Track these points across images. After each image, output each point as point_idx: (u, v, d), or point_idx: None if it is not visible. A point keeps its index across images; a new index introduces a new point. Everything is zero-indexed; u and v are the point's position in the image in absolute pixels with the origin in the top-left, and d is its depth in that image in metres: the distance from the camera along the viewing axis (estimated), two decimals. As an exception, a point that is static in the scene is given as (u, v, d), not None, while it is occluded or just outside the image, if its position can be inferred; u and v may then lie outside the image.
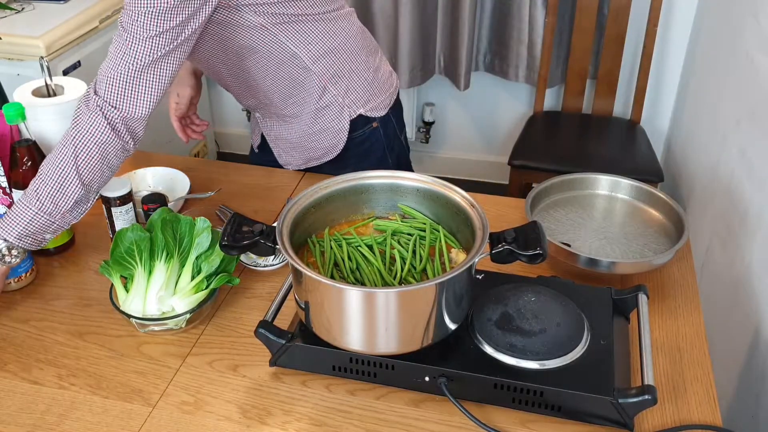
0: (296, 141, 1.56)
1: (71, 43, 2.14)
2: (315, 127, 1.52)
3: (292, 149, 1.59)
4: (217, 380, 1.11)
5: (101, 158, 1.20)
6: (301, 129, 1.53)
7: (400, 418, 1.04)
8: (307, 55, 1.40)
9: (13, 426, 1.04)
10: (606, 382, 1.01)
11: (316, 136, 1.53)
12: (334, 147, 1.54)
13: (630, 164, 2.35)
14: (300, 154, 1.59)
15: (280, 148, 1.62)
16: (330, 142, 1.54)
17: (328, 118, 1.51)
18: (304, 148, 1.57)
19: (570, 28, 2.56)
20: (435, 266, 1.09)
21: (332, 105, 1.49)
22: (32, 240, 1.19)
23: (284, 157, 1.63)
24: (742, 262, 1.68)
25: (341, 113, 1.50)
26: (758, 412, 1.49)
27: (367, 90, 1.52)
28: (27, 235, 1.18)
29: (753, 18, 1.84)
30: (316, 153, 1.57)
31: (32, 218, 1.17)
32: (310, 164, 1.60)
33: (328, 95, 1.47)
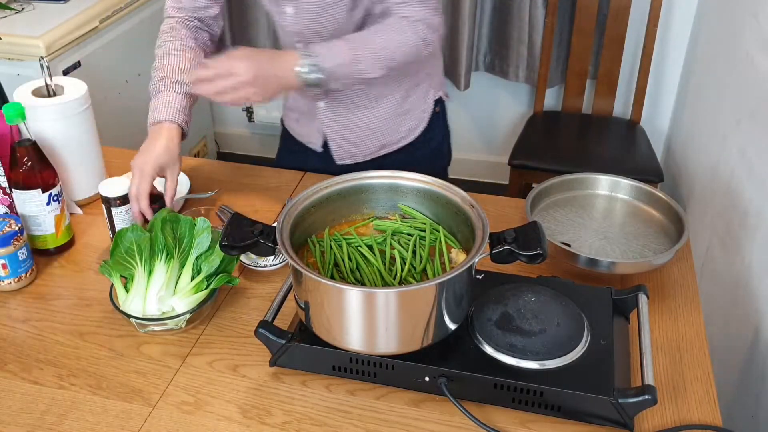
0: (377, 125, 1.53)
1: (71, 43, 2.14)
2: (403, 106, 1.53)
3: (369, 136, 1.54)
4: (217, 380, 1.11)
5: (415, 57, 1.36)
6: (388, 110, 1.52)
7: (400, 418, 1.04)
8: None
9: (13, 426, 1.04)
10: (606, 382, 1.01)
11: (401, 117, 1.54)
12: (415, 128, 1.57)
13: (630, 164, 2.35)
14: (376, 141, 1.55)
15: (346, 138, 1.55)
16: (413, 123, 1.56)
17: (416, 98, 1.54)
18: (383, 132, 1.54)
19: (570, 28, 2.56)
20: (435, 266, 1.09)
21: (422, 84, 1.54)
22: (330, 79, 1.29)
23: (347, 148, 1.56)
24: (742, 262, 1.68)
25: (427, 93, 1.56)
26: (758, 412, 1.49)
27: (440, 73, 1.60)
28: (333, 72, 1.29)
29: (753, 18, 1.84)
30: (395, 137, 1.56)
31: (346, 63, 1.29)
32: (381, 152, 1.57)
33: (421, 74, 1.52)
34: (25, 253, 1.28)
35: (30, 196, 1.29)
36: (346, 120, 1.53)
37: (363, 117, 1.52)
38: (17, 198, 1.30)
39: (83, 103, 1.43)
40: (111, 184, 1.32)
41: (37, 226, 1.33)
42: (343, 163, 1.58)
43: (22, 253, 1.27)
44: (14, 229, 1.25)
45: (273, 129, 3.16)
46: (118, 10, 2.32)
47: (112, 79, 2.36)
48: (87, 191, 1.49)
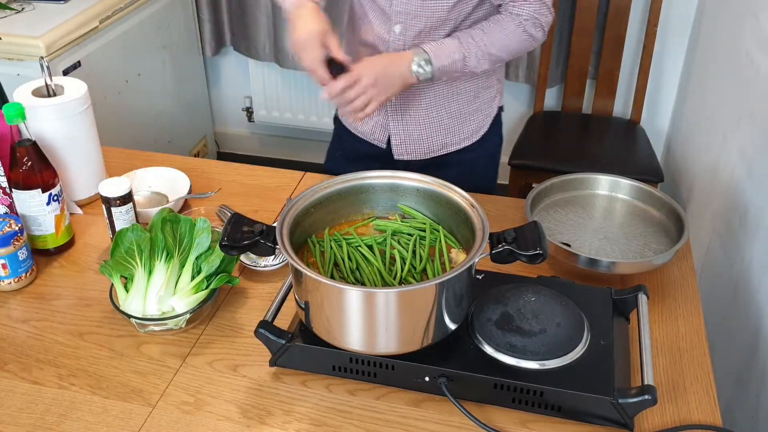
0: (445, 122, 1.55)
1: (71, 43, 2.14)
2: (472, 105, 1.56)
3: (435, 133, 1.55)
4: (217, 380, 1.11)
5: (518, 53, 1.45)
6: (457, 107, 1.54)
7: (400, 418, 1.04)
8: None
9: (13, 426, 1.04)
10: (606, 382, 1.01)
11: (469, 116, 1.56)
12: (478, 130, 1.59)
13: (630, 164, 2.35)
14: (439, 139, 1.56)
15: (410, 134, 1.55)
16: (478, 125, 1.59)
17: (484, 99, 1.57)
18: (450, 130, 1.56)
19: (570, 28, 2.56)
20: (435, 266, 1.09)
21: (492, 88, 1.57)
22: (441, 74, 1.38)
23: (409, 145, 1.57)
24: (742, 262, 1.68)
25: (494, 98, 1.59)
26: (758, 412, 1.49)
27: (504, 81, 1.65)
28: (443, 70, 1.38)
29: (753, 18, 1.84)
30: (459, 136, 1.57)
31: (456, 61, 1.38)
32: (442, 151, 1.58)
33: (493, 77, 1.56)
34: (25, 253, 1.28)
35: (30, 196, 1.29)
36: (415, 115, 1.54)
37: (432, 113, 1.54)
38: (17, 198, 1.30)
39: (83, 103, 1.43)
40: (111, 184, 1.32)
41: (37, 226, 1.33)
42: (401, 158, 1.59)
43: (22, 253, 1.27)
44: (14, 229, 1.25)
45: (273, 129, 3.16)
46: (118, 10, 2.32)
47: (112, 79, 2.36)
48: (87, 191, 1.49)
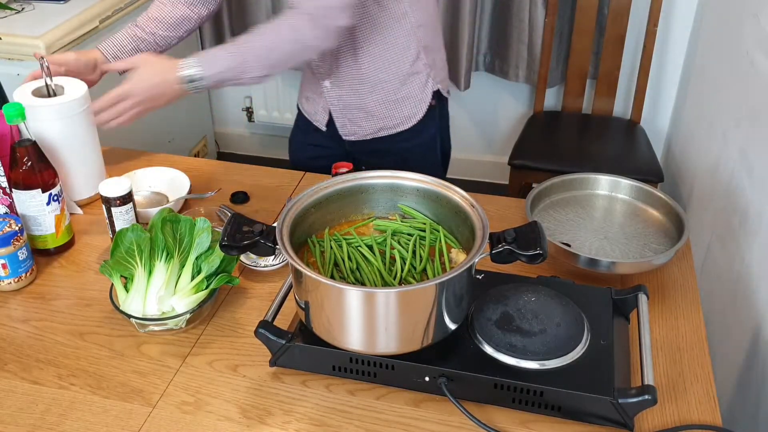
0: (374, 109, 1.59)
1: (71, 43, 2.14)
2: (400, 93, 1.58)
3: (366, 119, 1.62)
4: (217, 380, 1.11)
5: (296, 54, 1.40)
6: (384, 95, 1.58)
7: (400, 418, 1.04)
8: (414, 18, 1.50)
9: (13, 426, 1.04)
10: (606, 382, 1.01)
11: (398, 103, 1.59)
12: (413, 116, 1.61)
13: (630, 164, 2.35)
14: (373, 124, 1.62)
15: (348, 118, 1.63)
16: (410, 111, 1.60)
17: (414, 86, 1.58)
18: (381, 116, 1.61)
19: (570, 28, 2.56)
20: (435, 266, 1.09)
21: (421, 73, 1.58)
22: (216, 82, 1.38)
23: (350, 127, 1.65)
24: (742, 262, 1.68)
25: (426, 83, 1.59)
26: (758, 412, 1.49)
27: (444, 68, 1.67)
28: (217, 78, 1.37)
29: (753, 18, 1.84)
30: (391, 122, 1.62)
31: (229, 68, 1.37)
32: (379, 134, 1.64)
33: (420, 63, 1.56)
34: (25, 253, 1.28)
35: (30, 196, 1.29)
36: (348, 101, 1.61)
37: (361, 99, 1.59)
38: (17, 198, 1.30)
39: (83, 103, 1.42)
40: (111, 184, 1.32)
41: (37, 226, 1.33)
42: (348, 139, 1.67)
43: (22, 253, 1.27)
44: (14, 229, 1.25)
45: (273, 129, 3.16)
46: (118, 10, 2.32)
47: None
48: (87, 191, 1.49)
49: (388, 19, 1.50)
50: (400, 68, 1.56)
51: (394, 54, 1.54)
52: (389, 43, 1.53)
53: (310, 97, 1.69)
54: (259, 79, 1.40)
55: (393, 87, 1.57)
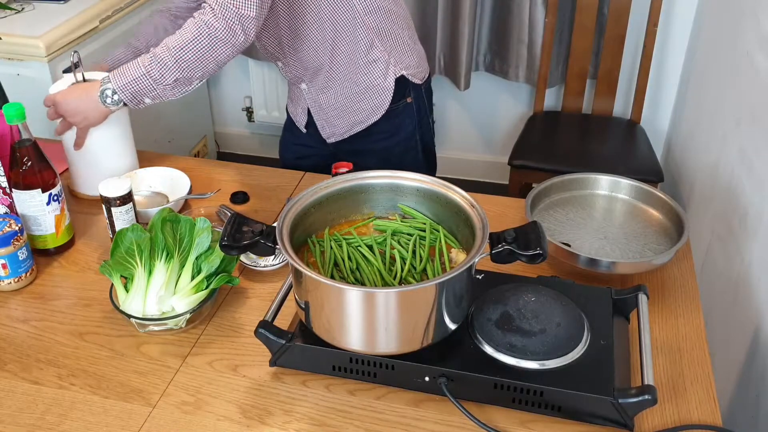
0: (342, 104, 1.61)
1: (71, 43, 2.14)
2: (361, 85, 1.58)
3: (338, 116, 1.64)
4: (217, 380, 1.11)
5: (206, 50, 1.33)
6: (347, 89, 1.59)
7: (400, 418, 1.04)
8: (360, 6, 1.49)
9: (13, 426, 1.04)
10: (606, 382, 1.01)
11: (361, 95, 1.59)
12: (379, 107, 1.61)
13: (630, 164, 2.34)
14: (345, 120, 1.64)
15: (324, 118, 1.66)
16: (375, 102, 1.60)
17: (373, 75, 1.58)
18: (349, 110, 1.62)
19: (570, 28, 2.56)
20: (435, 266, 1.09)
21: (378, 61, 1.57)
22: (132, 96, 1.34)
23: (328, 128, 1.67)
24: (742, 262, 1.68)
25: (386, 71, 1.58)
26: (758, 412, 1.49)
27: (408, 54, 1.62)
28: (129, 89, 1.33)
29: (753, 18, 1.84)
30: (360, 115, 1.62)
31: (138, 78, 1.33)
32: (354, 130, 1.65)
33: (375, 51, 1.55)
34: (25, 253, 1.28)
35: (30, 196, 1.29)
36: (321, 100, 1.63)
37: (329, 96, 1.61)
38: (17, 198, 1.30)
39: None
40: (111, 184, 1.32)
41: (37, 226, 1.33)
42: (330, 140, 1.69)
43: (22, 253, 1.27)
44: (14, 229, 1.25)
45: (273, 129, 3.16)
46: (118, 10, 2.32)
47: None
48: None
49: (332, 11, 1.49)
50: (355, 59, 1.55)
51: (346, 45, 1.53)
52: (339, 35, 1.52)
53: (293, 99, 1.73)
54: (175, 85, 1.34)
55: (353, 78, 1.58)
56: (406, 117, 1.65)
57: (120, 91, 1.34)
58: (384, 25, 1.55)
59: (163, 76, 1.33)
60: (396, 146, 1.67)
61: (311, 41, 1.53)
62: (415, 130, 1.68)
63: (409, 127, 1.67)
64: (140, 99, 1.36)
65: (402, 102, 1.63)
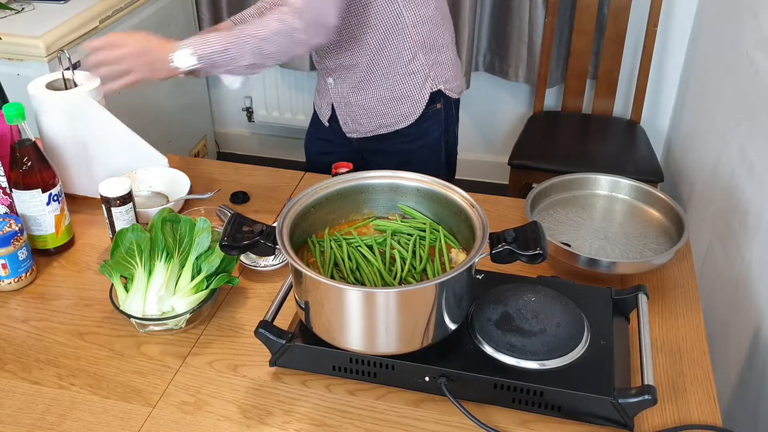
0: (372, 106, 1.62)
1: (71, 43, 2.13)
2: (395, 92, 1.60)
3: (365, 115, 1.65)
4: (217, 380, 1.11)
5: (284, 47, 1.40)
6: (381, 93, 1.60)
7: (400, 418, 1.04)
8: (410, 17, 1.51)
9: (13, 426, 1.04)
10: (606, 382, 1.01)
11: (394, 102, 1.61)
12: (409, 116, 1.63)
13: (630, 164, 2.35)
14: (372, 121, 1.65)
15: (349, 115, 1.67)
16: (406, 110, 1.62)
17: (410, 85, 1.60)
18: (378, 113, 1.63)
19: (570, 28, 2.56)
20: (435, 266, 1.09)
21: (418, 73, 1.59)
22: (206, 64, 1.38)
23: (351, 125, 1.68)
24: (742, 262, 1.68)
25: (424, 83, 1.60)
26: (758, 412, 1.49)
27: (449, 69, 1.64)
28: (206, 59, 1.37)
29: (753, 18, 1.84)
30: (389, 120, 1.64)
31: (218, 51, 1.37)
32: (379, 131, 1.66)
33: (417, 63, 1.58)
34: (25, 253, 1.28)
35: (30, 196, 1.29)
36: (348, 97, 1.63)
37: (360, 96, 1.62)
38: (17, 198, 1.30)
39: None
40: (111, 184, 1.32)
41: (37, 226, 1.33)
42: (351, 136, 1.70)
43: (22, 253, 1.27)
44: (14, 229, 1.26)
45: (273, 129, 3.16)
46: (118, 10, 2.32)
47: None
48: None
49: (382, 19, 1.51)
50: (396, 68, 1.57)
51: (389, 53, 1.55)
52: (384, 42, 1.54)
53: (319, 92, 1.75)
54: (247, 68, 1.42)
55: (389, 85, 1.59)
56: (435, 122, 1.66)
57: (198, 57, 1.37)
58: (430, 40, 1.58)
59: (240, 58, 1.39)
60: (420, 149, 1.68)
61: (354, 41, 1.54)
62: (441, 136, 1.70)
63: (435, 133, 1.68)
64: (212, 70, 1.41)
65: (432, 108, 1.64)
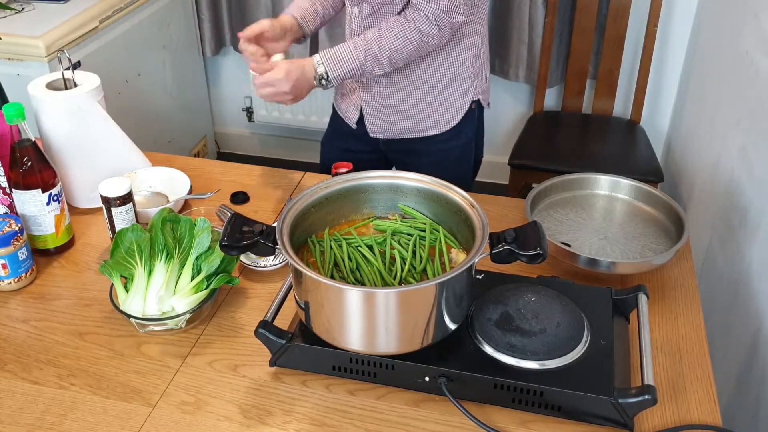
0: (410, 108, 1.60)
1: (71, 43, 2.14)
2: (439, 96, 1.58)
3: (399, 117, 1.62)
4: (217, 380, 1.11)
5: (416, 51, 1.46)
6: (422, 96, 1.58)
7: (400, 418, 1.04)
8: (467, 25, 1.51)
9: (13, 426, 1.04)
10: (606, 382, 1.01)
11: (435, 107, 1.60)
12: (447, 122, 1.62)
13: (630, 164, 2.34)
14: (406, 124, 1.62)
15: (379, 116, 1.63)
16: (445, 116, 1.61)
17: (454, 92, 1.59)
18: (415, 117, 1.61)
19: (570, 28, 2.56)
20: (435, 266, 1.09)
21: (463, 81, 1.58)
22: (341, 80, 1.46)
23: (381, 125, 1.65)
24: (742, 262, 1.68)
25: (467, 92, 1.60)
26: (758, 412, 1.49)
27: (486, 80, 1.67)
28: (342, 77, 1.45)
29: (753, 18, 1.84)
30: (426, 124, 1.62)
31: (353, 69, 1.45)
32: (410, 135, 1.64)
33: (465, 70, 1.57)
34: (25, 253, 1.28)
35: (30, 196, 1.29)
36: (382, 97, 1.60)
37: (397, 98, 1.59)
38: (17, 198, 1.30)
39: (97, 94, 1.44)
40: (111, 184, 1.32)
41: (37, 226, 1.33)
42: (376, 136, 1.67)
43: (22, 253, 1.27)
44: (14, 229, 1.26)
45: (273, 129, 3.16)
46: (118, 10, 2.32)
47: (112, 79, 2.36)
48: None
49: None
50: (444, 72, 1.56)
51: (442, 57, 1.54)
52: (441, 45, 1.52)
53: (345, 93, 1.70)
54: (380, 73, 1.49)
55: (433, 89, 1.57)
56: (468, 123, 1.64)
57: (334, 79, 1.45)
58: (478, 49, 1.58)
59: (373, 69, 1.46)
60: (453, 150, 1.66)
61: None
62: (473, 136, 1.69)
63: (468, 133, 1.67)
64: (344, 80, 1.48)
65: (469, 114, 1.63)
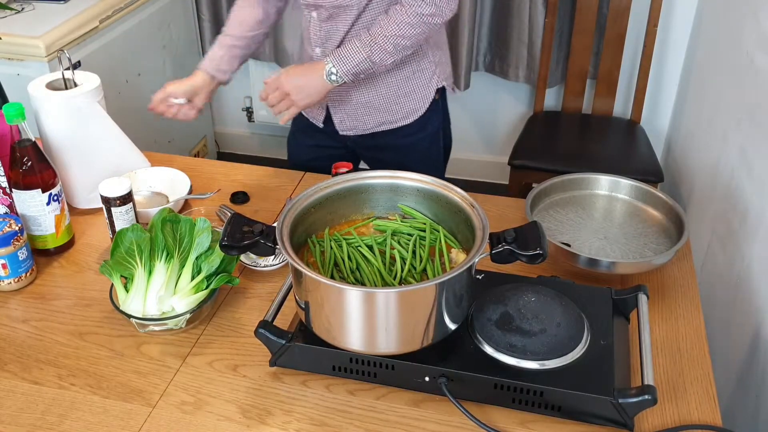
0: (377, 104, 1.62)
1: (71, 43, 2.14)
2: (405, 88, 1.61)
3: (367, 113, 1.64)
4: (217, 380, 1.11)
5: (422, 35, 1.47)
6: (390, 90, 1.60)
7: (400, 418, 1.04)
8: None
9: (13, 426, 1.04)
10: (606, 382, 1.01)
11: (403, 98, 1.62)
12: (415, 111, 1.64)
13: (630, 164, 2.35)
14: (375, 118, 1.64)
15: (347, 113, 1.64)
16: (413, 106, 1.63)
17: (419, 82, 1.61)
18: (383, 110, 1.63)
19: (570, 28, 2.56)
20: (435, 266, 1.09)
21: (426, 70, 1.60)
22: (353, 76, 1.47)
23: (349, 122, 1.66)
24: (742, 262, 1.68)
25: (431, 80, 1.62)
26: (758, 412, 1.49)
27: (448, 64, 1.69)
28: (352, 72, 1.46)
29: (753, 18, 1.84)
30: (393, 117, 1.64)
31: (360, 62, 1.45)
32: (380, 128, 1.65)
33: (426, 60, 1.59)
34: (25, 253, 1.28)
35: (30, 196, 1.29)
36: (348, 96, 1.62)
37: (364, 94, 1.61)
38: (17, 198, 1.30)
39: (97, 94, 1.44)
40: (111, 184, 1.32)
41: (37, 226, 1.33)
42: (345, 134, 1.68)
43: (22, 253, 1.27)
44: (14, 229, 1.26)
45: (273, 129, 3.16)
46: (118, 10, 2.32)
47: (112, 79, 2.36)
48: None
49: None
50: (408, 64, 1.58)
51: None
52: None
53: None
54: (391, 64, 1.49)
55: (399, 82, 1.59)
56: (434, 113, 1.67)
57: (343, 75, 1.46)
58: (437, 38, 1.61)
59: (382, 61, 1.46)
60: (422, 141, 1.69)
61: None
62: (440, 126, 1.72)
63: (435, 123, 1.69)
64: (357, 76, 1.48)
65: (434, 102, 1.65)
